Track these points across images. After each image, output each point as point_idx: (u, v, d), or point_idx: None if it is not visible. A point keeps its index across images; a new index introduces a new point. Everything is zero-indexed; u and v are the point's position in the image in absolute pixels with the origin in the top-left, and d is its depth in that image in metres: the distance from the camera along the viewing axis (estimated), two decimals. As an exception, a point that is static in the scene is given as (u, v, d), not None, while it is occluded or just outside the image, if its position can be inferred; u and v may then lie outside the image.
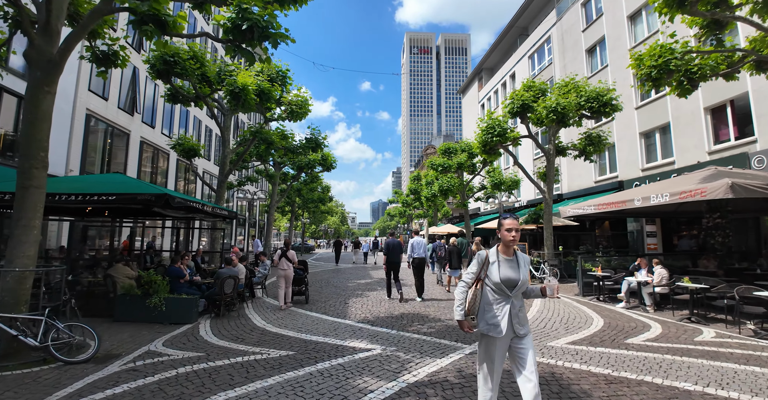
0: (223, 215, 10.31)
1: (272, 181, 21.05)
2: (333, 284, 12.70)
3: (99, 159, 16.82)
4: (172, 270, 7.62)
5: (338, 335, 6.01)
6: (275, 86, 11.61)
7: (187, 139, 14.82)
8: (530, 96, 13.95)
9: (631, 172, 16.98)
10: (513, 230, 2.88)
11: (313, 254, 38.16)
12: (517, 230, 2.90)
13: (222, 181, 13.07)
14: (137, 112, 19.03)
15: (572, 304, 9.12)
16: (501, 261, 2.92)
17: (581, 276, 10.83)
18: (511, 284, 2.86)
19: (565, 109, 12.89)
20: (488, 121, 14.39)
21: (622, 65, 17.42)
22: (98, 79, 16.69)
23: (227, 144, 13.19)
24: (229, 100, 10.72)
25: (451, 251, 11.06)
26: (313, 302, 9.20)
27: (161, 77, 11.74)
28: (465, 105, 39.04)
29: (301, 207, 28.53)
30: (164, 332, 6.47)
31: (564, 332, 6.32)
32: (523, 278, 2.91)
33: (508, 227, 2.89)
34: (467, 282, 3.01)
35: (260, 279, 9.80)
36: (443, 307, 8.48)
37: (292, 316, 7.51)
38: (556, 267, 13.78)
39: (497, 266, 2.90)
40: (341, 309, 8.17)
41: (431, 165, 22.22)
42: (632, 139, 17.00)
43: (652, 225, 16.15)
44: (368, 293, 10.52)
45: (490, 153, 15.12)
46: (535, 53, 25.13)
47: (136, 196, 7.46)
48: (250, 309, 8.25)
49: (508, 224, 2.90)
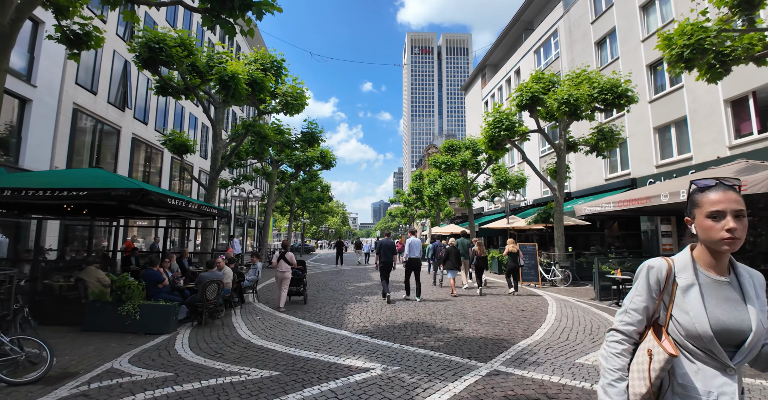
0: (211, 213, 9.55)
1: (269, 180, 20.28)
2: (331, 287, 11.92)
3: (87, 156, 16.08)
4: (149, 274, 6.85)
5: (332, 349, 5.23)
6: (269, 76, 10.85)
7: (179, 135, 14.09)
8: (540, 88, 13.18)
9: (644, 169, 16.16)
10: (729, 212, 1.26)
11: (314, 254, 37.40)
12: (739, 213, 1.27)
13: (213, 178, 12.31)
14: (128, 107, 18.29)
15: (591, 310, 8.33)
16: (706, 284, 1.33)
17: (598, 279, 10.03)
18: (734, 339, 1.26)
19: (578, 100, 12.10)
20: (495, 114, 13.62)
21: (635, 57, 16.64)
22: (87, 72, 15.98)
23: (219, 139, 12.43)
24: (218, 90, 9.96)
25: (449, 252, 10.73)
26: (308, 307, 8.43)
27: (148, 67, 11.01)
28: (468, 102, 38.25)
29: (300, 207, 27.75)
30: (136, 344, 5.71)
31: (591, 344, 5.53)
32: (758, 325, 1.26)
33: (717, 208, 1.28)
34: (625, 332, 1.41)
35: (251, 283, 9.02)
36: (450, 314, 7.70)
37: (283, 325, 6.73)
38: (567, 269, 12.98)
39: (698, 294, 1.30)
40: (338, 316, 7.39)
41: (434, 163, 21.44)
42: (645, 134, 16.19)
43: (667, 224, 15.33)
44: (368, 298, 9.74)
45: (496, 149, 14.34)
46: (541, 48, 24.33)
47: (109, 192, 6.71)
48: (237, 316, 7.48)
49: (715, 200, 1.29)
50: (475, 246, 11.09)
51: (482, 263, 11.00)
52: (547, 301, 9.53)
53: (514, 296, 10.24)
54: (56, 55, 14.09)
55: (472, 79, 36.57)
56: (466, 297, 10.01)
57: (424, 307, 8.47)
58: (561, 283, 12.87)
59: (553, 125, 15.40)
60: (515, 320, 7.07)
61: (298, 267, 8.89)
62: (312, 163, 18.17)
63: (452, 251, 10.77)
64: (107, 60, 17.00)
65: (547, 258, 14.05)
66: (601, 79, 12.85)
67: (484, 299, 9.67)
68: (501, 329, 6.36)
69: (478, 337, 5.80)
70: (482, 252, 11.00)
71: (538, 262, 12.69)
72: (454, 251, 10.84)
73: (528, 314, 7.78)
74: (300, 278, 8.99)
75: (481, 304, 8.96)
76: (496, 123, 13.23)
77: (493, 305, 8.86)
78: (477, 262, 10.99)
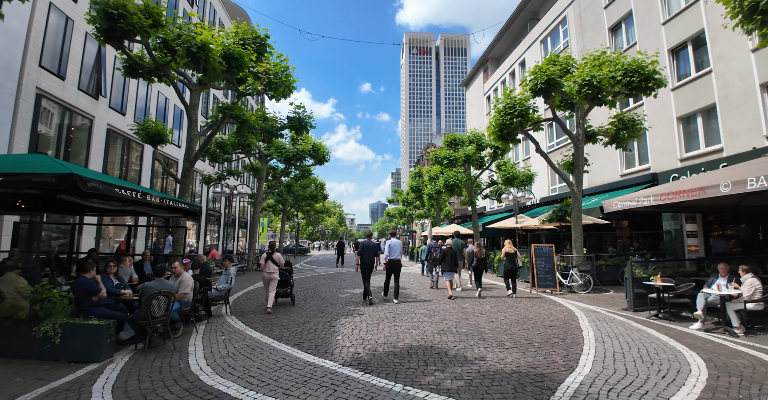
0: (178, 208, 8.04)
1: (258, 176, 18.75)
2: (321, 295, 10.42)
3: (54, 148, 14.52)
4: (81, 283, 5.34)
5: (308, 393, 3.74)
6: (248, 50, 9.36)
7: (154, 123, 12.56)
8: (557, 70, 11.75)
9: (666, 163, 14.76)
10: None
11: (309, 256, 35.82)
12: None
13: (187, 169, 10.80)
14: (103, 95, 16.73)
15: (631, 325, 6.88)
16: None
17: (631, 286, 8.58)
18: None
19: (602, 82, 10.68)
20: (506, 100, 12.17)
21: (654, 42, 15.25)
22: (53, 54, 14.41)
23: (194, 125, 10.93)
24: (187, 63, 8.46)
25: (445, 253, 10.38)
26: (289, 322, 6.93)
27: (110, 40, 9.52)
28: (469, 98, 36.84)
29: (293, 206, 26.18)
30: (48, 379, 4.23)
31: (662, 382, 4.06)
32: None
33: None
34: None
35: (221, 292, 7.51)
36: (464, 332, 6.22)
37: (250, 350, 5.23)
38: (587, 273, 11.54)
39: None
40: (324, 336, 5.89)
41: (435, 158, 19.97)
42: (668, 125, 14.79)
43: (692, 224, 13.94)
44: (363, 309, 8.24)
45: (507, 139, 12.88)
46: (548, 37, 22.95)
47: (30, 178, 5.24)
48: (198, 336, 5.98)
49: None
50: (474, 247, 10.77)
51: (482, 264, 10.73)
52: (573, 312, 8.08)
53: (534, 307, 8.78)
54: (16, 34, 12.56)
55: (473, 73, 35.17)
56: (470, 303, 8.56)
57: (430, 322, 6.99)
58: (580, 289, 11.43)
59: (567, 116, 13.98)
60: (547, 342, 5.60)
61: (286, 268, 8.84)
62: (303, 157, 16.59)
63: (448, 252, 10.37)
64: (77, 43, 15.43)
65: (562, 261, 12.62)
66: (625, 60, 11.45)
67: (500, 310, 8.21)
68: (534, 357, 4.89)
69: (508, 371, 4.32)
70: (481, 254, 10.71)
71: (556, 266, 11.24)
72: (451, 252, 10.41)
73: (558, 331, 6.32)
74: (287, 279, 8.87)
75: (497, 317, 7.49)
76: (508, 109, 11.78)
77: (512, 318, 7.39)
78: (476, 264, 10.70)
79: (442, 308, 8.32)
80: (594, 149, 16.83)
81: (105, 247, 17.47)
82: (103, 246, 17.28)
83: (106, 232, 18.00)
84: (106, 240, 18.08)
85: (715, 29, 13.04)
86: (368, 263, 9.08)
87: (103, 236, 17.60)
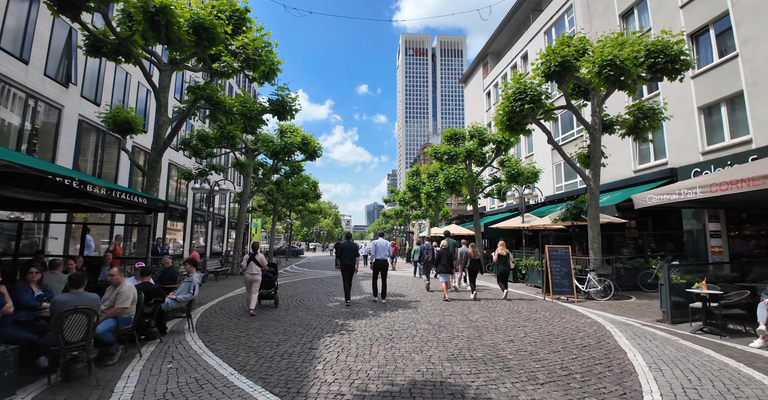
0: (138, 204, 6.72)
1: (244, 172, 17.40)
2: (306, 304, 9.09)
3: (14, 139, 13.11)
4: (-27, 297, 4.00)
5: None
6: (221, 20, 8.05)
7: (124, 111, 11.20)
8: (571, 52, 10.54)
9: (686, 157, 13.59)
10: None
11: (302, 258, 34.39)
12: None
13: (155, 160, 9.46)
14: (73, 83, 15.33)
15: (679, 342, 5.64)
16: None
17: (668, 294, 7.34)
18: None
19: (625, 63, 9.48)
20: (516, 85, 10.95)
21: (671, 26, 14.08)
22: (14, 36, 13.04)
23: (163, 110, 9.60)
24: (147, 32, 7.15)
25: (440, 254, 10.14)
26: (260, 343, 5.62)
27: (63, 10, 8.24)
28: (468, 95, 35.68)
29: (284, 205, 24.80)
30: None
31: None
32: None
33: None
34: None
35: (181, 304, 6.16)
36: (481, 357, 4.93)
37: (197, 387, 3.91)
38: (607, 278, 10.31)
39: None
40: (299, 366, 4.56)
41: (435, 154, 18.73)
42: (687, 115, 13.63)
43: (715, 222, 12.76)
44: (353, 324, 6.93)
45: (515, 129, 11.65)
46: (553, 27, 21.82)
47: None
48: (139, 363, 4.64)
49: None
50: (469, 248, 10.48)
51: (476, 266, 10.49)
52: (603, 326, 6.83)
53: (555, 319, 7.52)
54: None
55: (472, 69, 34.01)
56: (480, 315, 7.29)
57: (436, 341, 5.69)
58: (598, 295, 10.19)
59: (580, 105, 12.77)
60: (590, 372, 4.32)
61: (270, 270, 8.66)
62: (292, 151, 15.23)
63: (444, 254, 10.09)
64: (44, 25, 14.04)
65: (577, 264, 11.38)
66: (647, 39, 10.28)
67: (516, 324, 6.94)
68: (580, 395, 3.62)
69: (554, 424, 3.04)
70: (476, 255, 10.49)
71: (572, 270, 10.00)
72: (446, 253, 10.13)
73: (597, 353, 5.05)
74: (271, 280, 8.69)
75: (516, 334, 6.21)
76: (518, 94, 10.54)
77: (534, 335, 6.11)
78: (471, 265, 10.41)
79: (448, 322, 7.02)
80: (605, 143, 15.67)
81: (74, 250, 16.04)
82: (73, 250, 15.85)
83: (78, 233, 16.57)
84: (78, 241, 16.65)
85: (741, 10, 11.91)
86: (349, 264, 9.14)
87: (74, 236, 16.19)
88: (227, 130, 14.56)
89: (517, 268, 13.99)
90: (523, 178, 17.35)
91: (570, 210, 11.74)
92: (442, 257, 10.03)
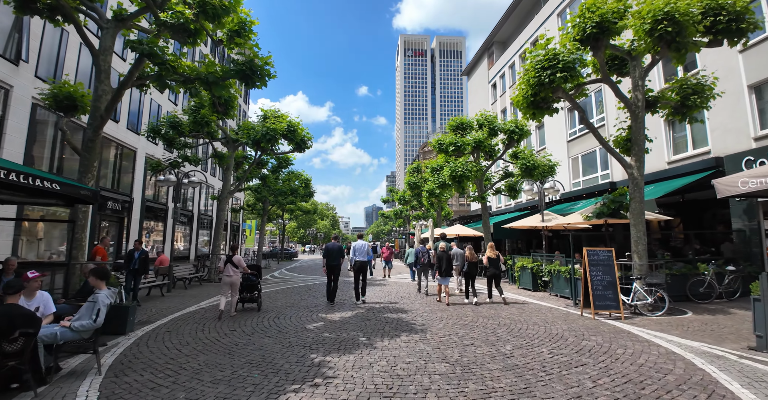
0: (47, 190, 4.76)
1: (224, 164, 15.38)
2: (280, 325, 7.01)
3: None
4: None
5: None
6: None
7: (66, 85, 9.19)
8: (611, 9, 8.58)
9: (735, 143, 11.65)
10: None
11: (295, 261, 32.26)
12: None
13: (91, 138, 7.44)
14: (25, 60, 13.33)
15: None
16: None
17: (765, 310, 5.36)
18: None
19: (685, 16, 7.52)
20: (542, 51, 8.97)
21: None
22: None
23: (104, 77, 7.60)
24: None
25: (440, 257, 9.83)
26: (209, 390, 3.61)
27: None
28: (472, 88, 33.76)
29: (274, 203, 22.77)
30: None
31: None
32: None
33: None
34: None
35: (80, 332, 4.12)
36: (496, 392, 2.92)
37: None
38: (658, 288, 8.32)
39: None
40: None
41: (439, 145, 16.76)
42: (735, 96, 11.71)
43: (772, 221, 10.80)
44: (337, 364, 4.89)
45: (540, 107, 9.68)
46: (568, 8, 19.92)
47: None
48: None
49: None
50: (466, 251, 10.10)
51: (474, 269, 10.05)
52: (690, 361, 4.83)
53: (619, 350, 5.52)
54: None
55: (477, 60, 32.10)
56: (512, 345, 5.30)
57: (461, 397, 3.69)
58: (647, 309, 8.19)
59: (617, 80, 10.77)
60: None
61: (252, 273, 8.49)
62: (275, 139, 13.12)
63: (443, 256, 9.76)
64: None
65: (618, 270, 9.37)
66: (705, -6, 8.33)
67: (570, 360, 4.94)
68: None
69: None
70: (473, 257, 10.08)
71: (617, 278, 7.99)
72: (446, 256, 9.80)
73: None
74: (254, 283, 8.49)
75: (580, 380, 4.21)
76: (548, 62, 8.56)
77: (606, 383, 4.12)
78: (468, 269, 9.99)
79: (472, 358, 4.96)
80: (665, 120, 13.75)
81: (28, 252, 13.97)
82: (26, 251, 13.79)
83: (34, 232, 14.50)
84: (33, 243, 14.58)
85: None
86: (334, 265, 9.32)
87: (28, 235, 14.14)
88: (200, 114, 12.53)
89: (538, 274, 12.00)
90: (539, 171, 15.37)
91: (608, 204, 9.73)
92: (442, 261, 9.73)
